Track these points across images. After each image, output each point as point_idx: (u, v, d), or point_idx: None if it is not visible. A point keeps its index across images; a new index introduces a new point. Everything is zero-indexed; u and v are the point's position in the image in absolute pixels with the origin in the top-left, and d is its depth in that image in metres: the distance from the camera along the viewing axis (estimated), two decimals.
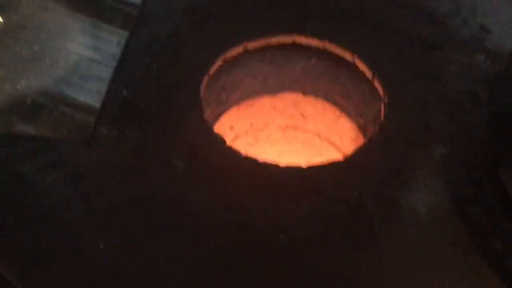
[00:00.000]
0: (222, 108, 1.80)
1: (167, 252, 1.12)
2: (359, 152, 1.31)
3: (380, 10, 1.69)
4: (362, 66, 1.58)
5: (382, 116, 1.39)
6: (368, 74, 1.56)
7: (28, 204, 1.17)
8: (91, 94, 1.39)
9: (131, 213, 1.16)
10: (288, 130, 2.06)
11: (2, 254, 1.10)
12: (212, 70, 1.56)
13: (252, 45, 1.64)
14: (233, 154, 1.32)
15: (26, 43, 1.49)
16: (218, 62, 1.57)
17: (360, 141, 1.74)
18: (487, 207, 1.17)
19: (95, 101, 1.38)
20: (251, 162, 1.29)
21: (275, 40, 1.66)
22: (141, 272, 1.09)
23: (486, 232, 1.13)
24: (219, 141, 1.33)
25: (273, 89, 1.87)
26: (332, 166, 1.28)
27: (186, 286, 1.08)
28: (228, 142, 1.98)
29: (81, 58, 1.49)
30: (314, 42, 1.66)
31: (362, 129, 1.74)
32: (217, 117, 1.79)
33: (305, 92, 1.87)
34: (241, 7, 1.68)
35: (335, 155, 2.01)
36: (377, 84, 1.52)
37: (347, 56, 1.62)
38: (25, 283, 1.05)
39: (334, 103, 1.84)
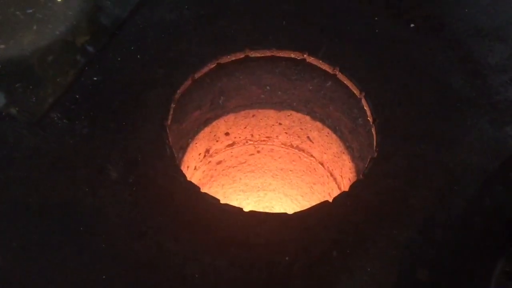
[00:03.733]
0: (217, 112, 1.65)
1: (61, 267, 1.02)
2: (316, 209, 1.12)
3: (409, 45, 1.44)
4: (367, 108, 1.36)
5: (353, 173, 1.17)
6: (370, 118, 1.34)
7: None
8: (60, 73, 1.31)
9: (42, 216, 1.07)
10: (293, 149, 1.87)
11: None
12: (201, 73, 1.41)
13: (254, 54, 1.47)
14: (178, 175, 1.17)
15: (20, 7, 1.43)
16: (210, 65, 1.42)
17: None
18: None
19: (62, 80, 1.29)
20: (192, 190, 1.14)
21: (282, 53, 1.48)
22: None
23: None
24: (168, 156, 1.19)
25: (280, 104, 1.69)
26: (278, 218, 1.10)
27: None
28: (224, 147, 1.87)
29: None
30: (324, 67, 1.45)
31: (358, 174, 1.52)
32: (209, 121, 1.64)
33: (313, 115, 1.67)
34: (257, 14, 1.50)
35: (335, 190, 1.81)
36: (374, 132, 1.30)
37: (355, 91, 1.40)
38: None
39: (341, 136, 1.63)
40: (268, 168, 2.03)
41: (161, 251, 1.03)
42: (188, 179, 1.17)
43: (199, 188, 1.15)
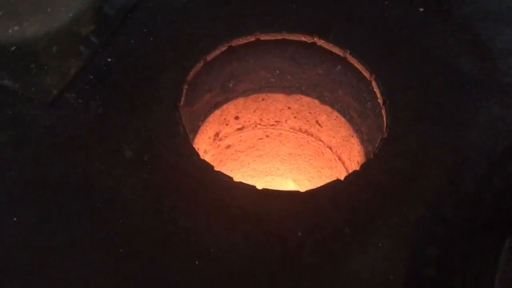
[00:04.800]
0: (227, 96, 1.67)
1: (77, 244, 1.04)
2: (326, 187, 1.14)
3: (419, 29, 1.45)
4: (377, 90, 1.38)
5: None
6: (380, 99, 1.36)
7: None
8: (75, 55, 1.33)
9: (59, 192, 1.10)
10: (301, 134, 1.89)
11: None
12: (213, 55, 1.43)
13: (265, 37, 1.48)
14: (191, 154, 1.19)
15: None
16: (221, 48, 1.44)
17: None
18: None
19: (76, 62, 1.31)
20: (206, 168, 1.16)
21: (293, 36, 1.49)
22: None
23: None
24: (182, 135, 1.21)
25: (289, 88, 1.70)
26: (287, 196, 1.13)
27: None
28: (233, 131, 1.89)
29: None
30: (335, 50, 1.46)
31: (367, 156, 1.54)
32: (219, 104, 1.66)
33: (322, 99, 1.69)
34: None
35: (343, 174, 1.83)
36: (384, 113, 1.32)
37: (366, 74, 1.42)
38: None
39: (350, 119, 1.64)
40: (276, 153, 2.05)
41: (176, 227, 1.06)
42: None
43: (212, 167, 1.17)
